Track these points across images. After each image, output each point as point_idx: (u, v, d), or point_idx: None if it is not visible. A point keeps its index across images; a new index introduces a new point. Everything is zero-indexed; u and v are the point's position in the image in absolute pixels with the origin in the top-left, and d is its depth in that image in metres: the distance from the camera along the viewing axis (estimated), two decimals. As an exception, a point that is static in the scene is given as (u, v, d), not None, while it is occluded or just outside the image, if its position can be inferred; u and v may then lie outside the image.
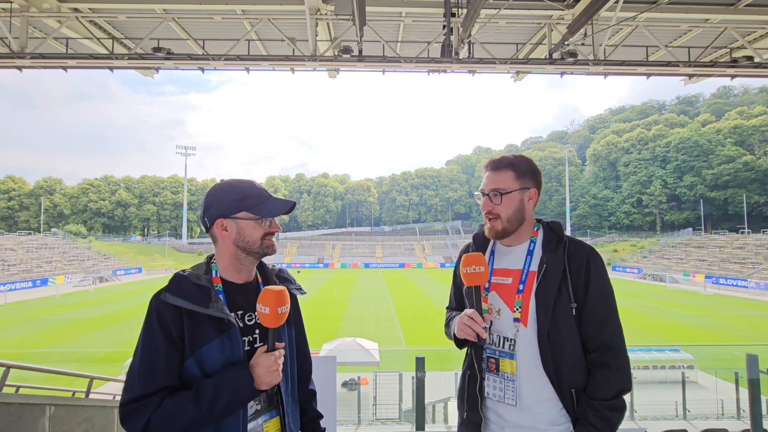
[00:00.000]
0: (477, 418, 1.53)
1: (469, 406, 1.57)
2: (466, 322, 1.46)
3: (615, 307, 1.47)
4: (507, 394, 1.48)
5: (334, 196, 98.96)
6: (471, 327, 1.44)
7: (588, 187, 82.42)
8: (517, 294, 1.51)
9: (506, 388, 1.48)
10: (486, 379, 1.54)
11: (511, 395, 1.47)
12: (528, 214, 1.58)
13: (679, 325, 21.63)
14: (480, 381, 1.55)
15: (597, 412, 1.37)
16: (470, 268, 1.47)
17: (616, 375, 1.40)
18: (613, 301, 1.47)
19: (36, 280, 40.04)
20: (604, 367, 1.41)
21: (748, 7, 5.76)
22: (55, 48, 6.60)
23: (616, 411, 1.38)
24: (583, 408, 1.40)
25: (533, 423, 1.45)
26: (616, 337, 1.44)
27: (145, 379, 1.17)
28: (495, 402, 1.51)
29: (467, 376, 1.61)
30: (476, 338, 1.46)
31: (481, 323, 1.44)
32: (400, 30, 6.50)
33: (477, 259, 1.48)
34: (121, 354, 15.02)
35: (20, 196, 76.28)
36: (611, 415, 1.37)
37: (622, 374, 1.41)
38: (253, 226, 1.33)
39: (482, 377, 1.55)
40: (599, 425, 1.36)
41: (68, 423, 4.30)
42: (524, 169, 1.56)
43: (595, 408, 1.37)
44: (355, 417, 10.08)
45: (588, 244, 1.54)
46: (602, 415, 1.36)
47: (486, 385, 1.54)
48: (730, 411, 9.18)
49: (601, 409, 1.37)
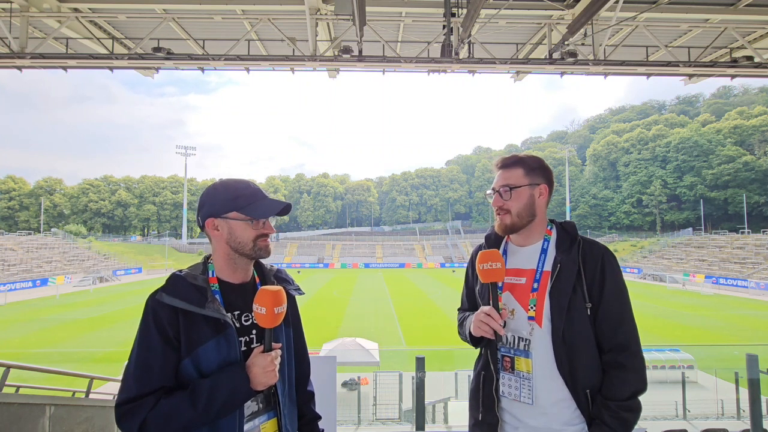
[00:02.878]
0: (493, 419, 1.52)
1: (485, 407, 1.55)
2: (483, 320, 1.45)
3: (630, 307, 1.46)
4: (523, 392, 1.46)
5: (334, 196, 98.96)
6: (488, 324, 1.44)
7: (588, 187, 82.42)
8: (532, 293, 1.50)
9: (522, 386, 1.47)
10: (501, 378, 1.52)
11: (527, 394, 1.45)
12: (539, 211, 1.57)
13: (679, 325, 21.61)
14: (496, 381, 1.53)
15: (613, 413, 1.36)
16: (487, 264, 1.46)
17: (632, 375, 1.39)
18: (628, 301, 1.47)
19: (36, 280, 40.05)
20: (619, 368, 1.40)
21: (748, 7, 5.76)
22: (55, 48, 6.59)
23: (631, 412, 1.36)
24: (599, 409, 1.38)
25: (548, 424, 1.43)
26: (632, 338, 1.43)
27: (140, 379, 1.16)
28: (511, 401, 1.50)
29: (482, 377, 1.59)
30: (493, 335, 1.45)
31: (499, 320, 1.44)
32: (400, 30, 6.50)
33: (493, 255, 1.48)
34: (121, 354, 15.02)
35: (20, 196, 76.31)
36: (627, 416, 1.36)
37: (637, 375, 1.39)
38: (243, 226, 1.31)
39: (498, 377, 1.53)
40: (615, 426, 1.35)
41: (68, 423, 4.30)
42: (534, 166, 1.57)
43: (610, 409, 1.36)
44: (355, 417, 10.08)
45: (602, 244, 1.53)
46: (618, 416, 1.35)
47: (501, 384, 1.52)
48: (730, 411, 9.16)
49: (617, 410, 1.36)
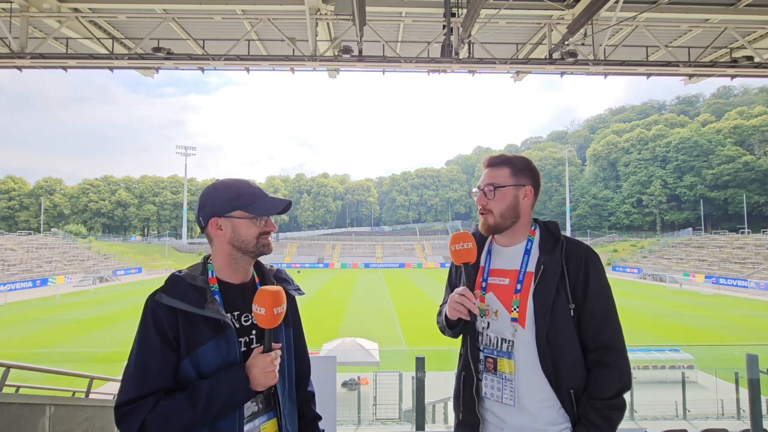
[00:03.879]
0: (474, 419, 1.52)
1: (466, 407, 1.56)
2: (457, 300, 1.45)
3: (614, 306, 1.46)
4: (505, 393, 1.47)
5: (334, 196, 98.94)
6: (463, 304, 1.43)
7: (588, 187, 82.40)
8: (515, 294, 1.49)
9: (504, 387, 1.47)
10: (483, 379, 1.52)
11: (509, 395, 1.46)
12: (523, 212, 1.55)
13: (679, 325, 21.61)
14: (477, 382, 1.53)
15: (598, 412, 1.37)
16: (458, 245, 1.46)
17: (616, 374, 1.40)
18: (612, 300, 1.47)
19: (36, 280, 40.05)
20: (604, 367, 1.41)
21: (748, 7, 5.76)
22: (55, 48, 6.59)
23: (617, 410, 1.38)
24: (585, 408, 1.39)
25: (532, 423, 1.44)
26: (617, 337, 1.44)
27: (140, 380, 1.16)
28: (493, 402, 1.50)
29: (462, 378, 1.59)
30: (468, 315, 1.44)
31: (473, 299, 1.43)
32: (400, 30, 6.50)
33: (464, 236, 1.47)
34: (121, 354, 15.01)
35: (20, 196, 76.31)
36: (612, 414, 1.37)
37: (621, 373, 1.40)
38: (247, 225, 1.32)
39: (479, 378, 1.53)
40: (601, 425, 1.36)
41: (68, 423, 4.30)
42: (520, 167, 1.56)
43: (596, 408, 1.37)
44: (355, 417, 10.07)
45: (585, 244, 1.53)
46: (604, 415, 1.36)
47: (484, 385, 1.52)
48: (730, 411, 9.18)
49: (603, 408, 1.37)
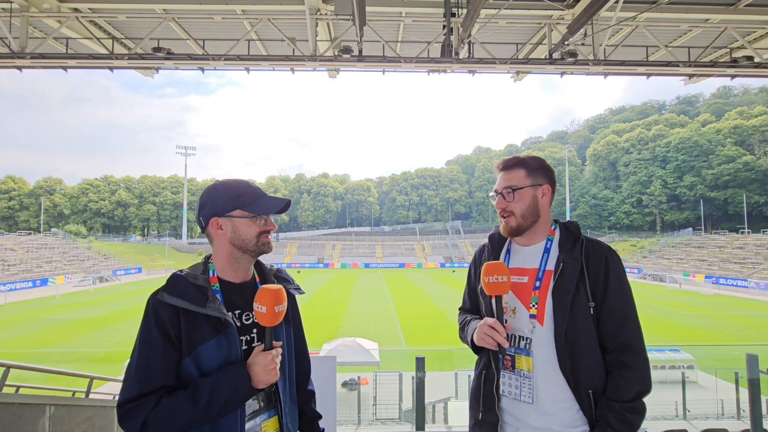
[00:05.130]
0: (493, 418, 1.51)
1: (486, 406, 1.54)
2: (487, 332, 1.45)
3: (634, 306, 1.45)
4: (523, 391, 1.46)
5: (334, 196, 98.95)
6: (492, 337, 1.44)
7: (588, 187, 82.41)
8: (534, 291, 1.49)
9: (522, 385, 1.46)
10: (502, 377, 1.52)
11: (527, 393, 1.45)
12: (543, 211, 1.57)
13: (679, 325, 21.61)
14: (497, 380, 1.53)
15: (617, 414, 1.34)
16: (492, 277, 1.45)
17: (636, 375, 1.38)
18: (632, 300, 1.46)
19: (36, 280, 40.03)
20: (623, 368, 1.39)
21: (748, 7, 5.76)
22: (55, 48, 6.60)
23: (636, 413, 1.35)
24: (603, 410, 1.37)
25: (549, 425, 1.42)
26: (636, 337, 1.42)
27: (142, 378, 1.17)
28: (511, 400, 1.49)
29: (483, 376, 1.58)
30: (496, 347, 1.45)
31: (503, 333, 1.44)
32: (400, 30, 6.50)
33: (499, 268, 1.46)
34: (121, 354, 15.05)
35: (20, 196, 76.32)
36: (632, 418, 1.34)
37: (641, 375, 1.38)
38: (247, 224, 1.33)
39: (498, 375, 1.53)
40: (619, 428, 1.33)
41: (68, 423, 4.30)
42: (535, 166, 1.57)
43: (615, 410, 1.35)
44: (355, 417, 10.08)
45: (605, 243, 1.53)
46: (623, 418, 1.34)
47: (502, 383, 1.52)
48: (730, 411, 9.16)
49: (622, 411, 1.34)
